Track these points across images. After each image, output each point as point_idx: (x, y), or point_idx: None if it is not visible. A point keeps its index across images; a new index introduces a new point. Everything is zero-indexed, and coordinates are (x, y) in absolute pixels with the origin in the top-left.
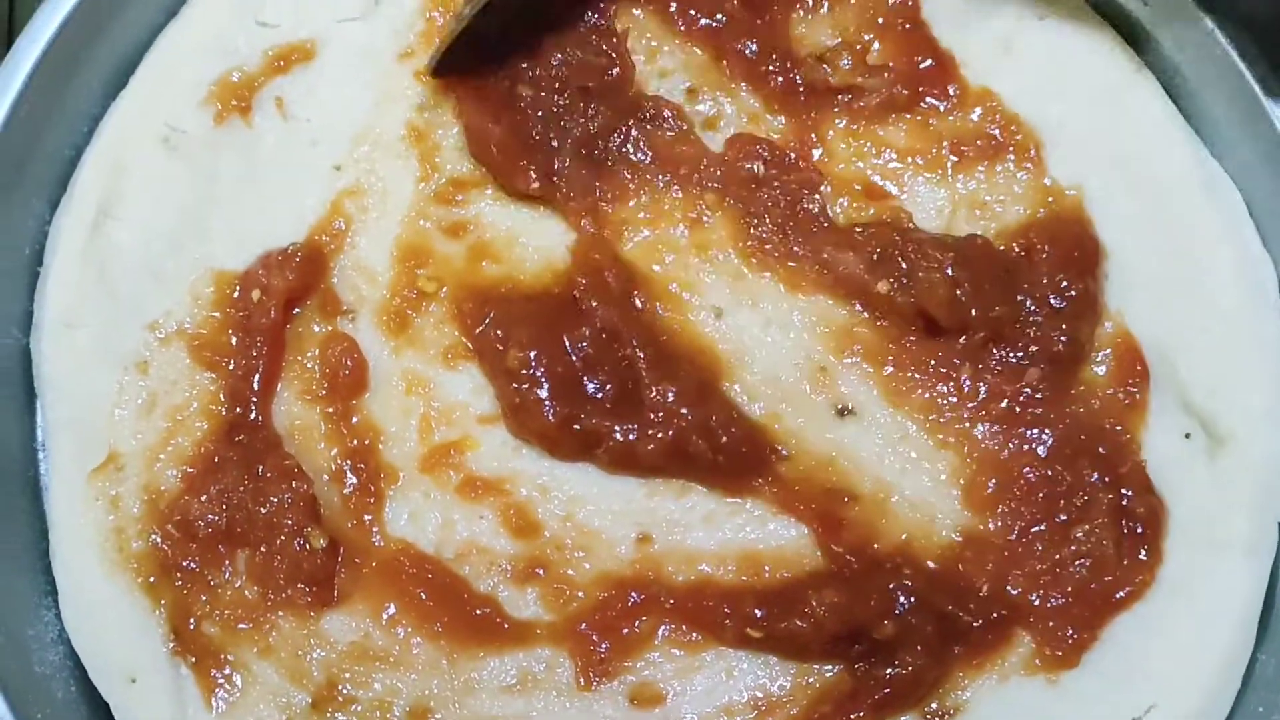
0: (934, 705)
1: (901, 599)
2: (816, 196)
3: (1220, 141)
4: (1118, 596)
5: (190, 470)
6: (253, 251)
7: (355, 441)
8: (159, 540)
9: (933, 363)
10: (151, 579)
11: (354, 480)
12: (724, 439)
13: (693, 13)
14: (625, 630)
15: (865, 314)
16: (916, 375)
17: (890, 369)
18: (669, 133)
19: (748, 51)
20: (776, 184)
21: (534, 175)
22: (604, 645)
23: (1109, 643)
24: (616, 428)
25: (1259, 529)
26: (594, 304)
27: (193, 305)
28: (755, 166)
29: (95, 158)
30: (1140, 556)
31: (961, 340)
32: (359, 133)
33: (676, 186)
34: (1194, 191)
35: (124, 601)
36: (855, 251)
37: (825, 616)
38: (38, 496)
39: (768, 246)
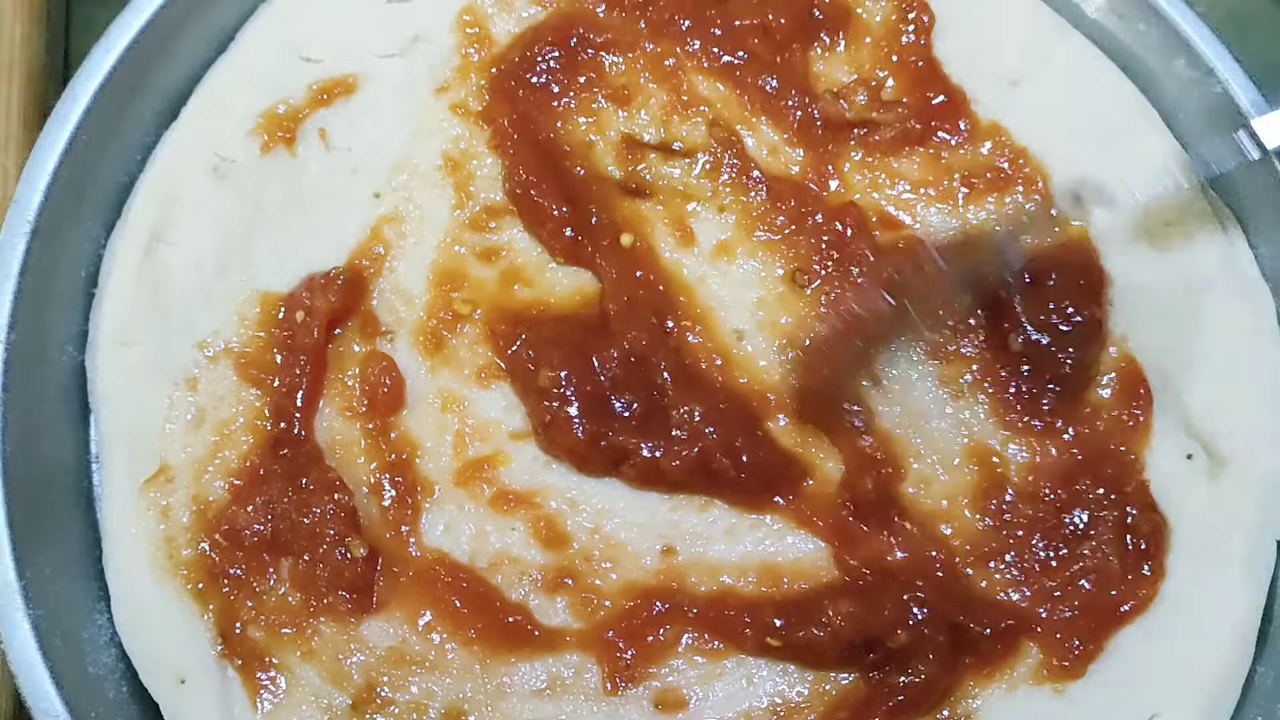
0: (945, 712)
1: (914, 610)
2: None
3: (1220, 176)
4: (1122, 610)
5: (237, 482)
6: (297, 274)
7: (393, 456)
8: (207, 548)
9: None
10: (200, 585)
11: (392, 493)
12: (746, 458)
13: (715, 50)
14: (650, 638)
15: None
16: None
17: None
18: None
19: (768, 87)
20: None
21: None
22: (630, 652)
23: (1113, 654)
24: (643, 445)
25: (1258, 546)
26: (624, 329)
27: (239, 325)
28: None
29: (148, 185)
30: (1144, 572)
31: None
32: (397, 162)
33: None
34: (1197, 224)
35: (173, 606)
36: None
37: (841, 626)
38: (91, 507)
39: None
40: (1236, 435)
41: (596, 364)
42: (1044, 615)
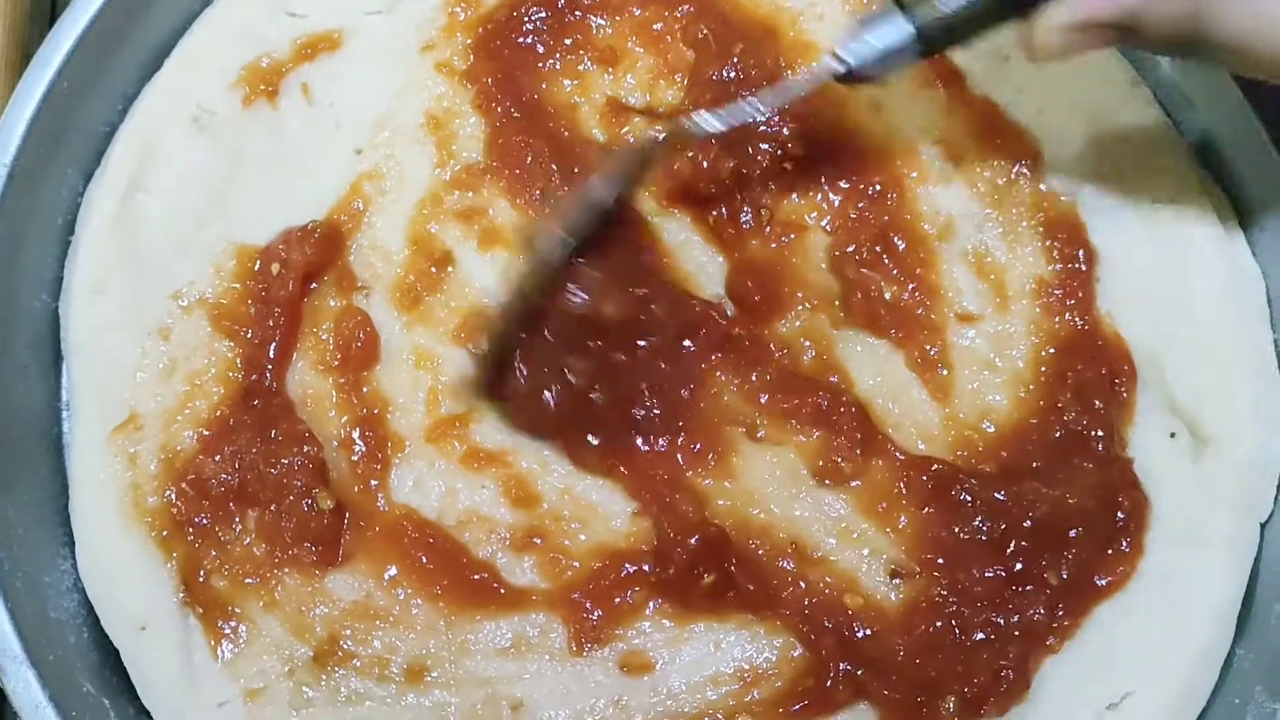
0: None
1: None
2: None
3: (1212, 154)
4: (1098, 585)
5: (206, 432)
6: (274, 228)
7: (365, 411)
8: (173, 497)
9: None
10: (165, 533)
11: (362, 447)
12: None
13: None
14: (617, 600)
15: None
16: None
17: None
18: None
19: None
20: None
21: None
22: (596, 613)
23: (1089, 631)
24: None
25: (1239, 528)
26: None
27: (215, 277)
28: None
29: (128, 134)
30: (1122, 548)
31: None
32: (379, 119)
33: None
34: (1186, 203)
35: (137, 553)
36: None
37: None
38: (60, 453)
39: None
40: (1221, 416)
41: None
42: None
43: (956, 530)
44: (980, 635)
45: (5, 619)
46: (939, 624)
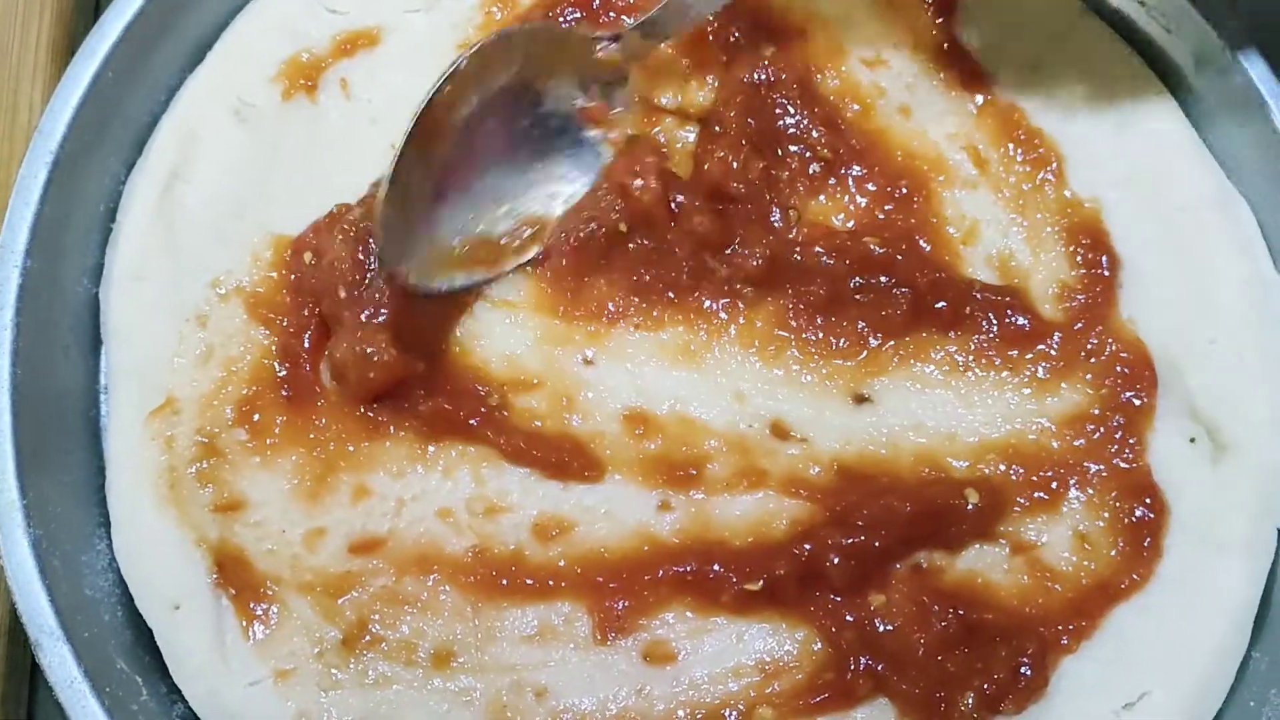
0: None
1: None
2: None
3: (1235, 163)
4: (1118, 587)
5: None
6: (311, 219)
7: None
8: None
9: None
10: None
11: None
12: None
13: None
14: (642, 591)
15: None
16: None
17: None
18: None
19: None
20: None
21: None
22: (621, 604)
23: (1107, 631)
24: None
25: (1257, 532)
26: None
27: (252, 266)
28: None
29: (170, 124)
30: (1142, 552)
31: None
32: None
33: None
34: (1209, 211)
35: (171, 534)
36: None
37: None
38: (98, 435)
39: None
40: (1241, 421)
41: None
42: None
43: None
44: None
45: (43, 596)
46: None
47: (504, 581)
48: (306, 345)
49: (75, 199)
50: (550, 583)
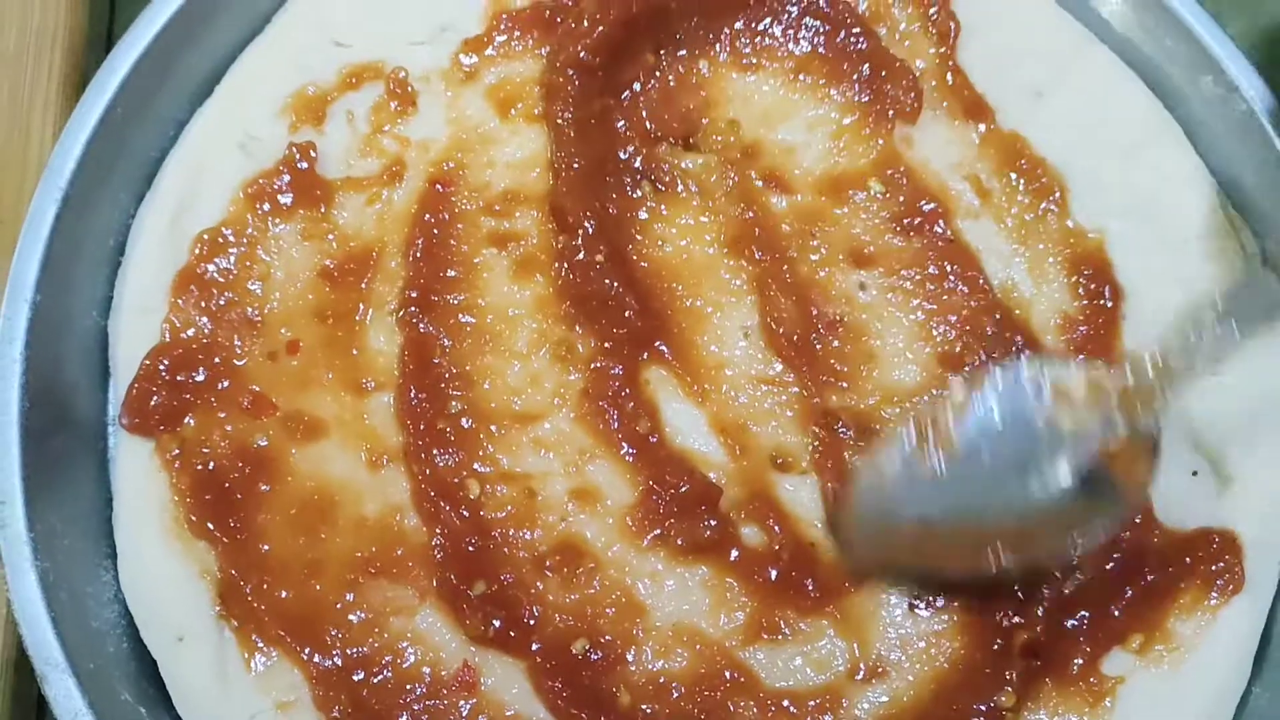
0: None
1: None
2: None
3: (1242, 194)
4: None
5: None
6: None
7: None
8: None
9: None
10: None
11: None
12: None
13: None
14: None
15: None
16: None
17: None
18: None
19: None
20: None
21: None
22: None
23: (1108, 665)
24: None
25: (1260, 567)
26: None
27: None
28: None
29: (178, 158)
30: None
31: None
32: (421, 145)
33: None
34: (1214, 241)
35: (176, 566)
36: None
37: None
38: (105, 468)
39: None
40: (1244, 456)
41: None
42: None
43: None
44: None
45: (48, 628)
46: None
47: None
48: None
49: (85, 233)
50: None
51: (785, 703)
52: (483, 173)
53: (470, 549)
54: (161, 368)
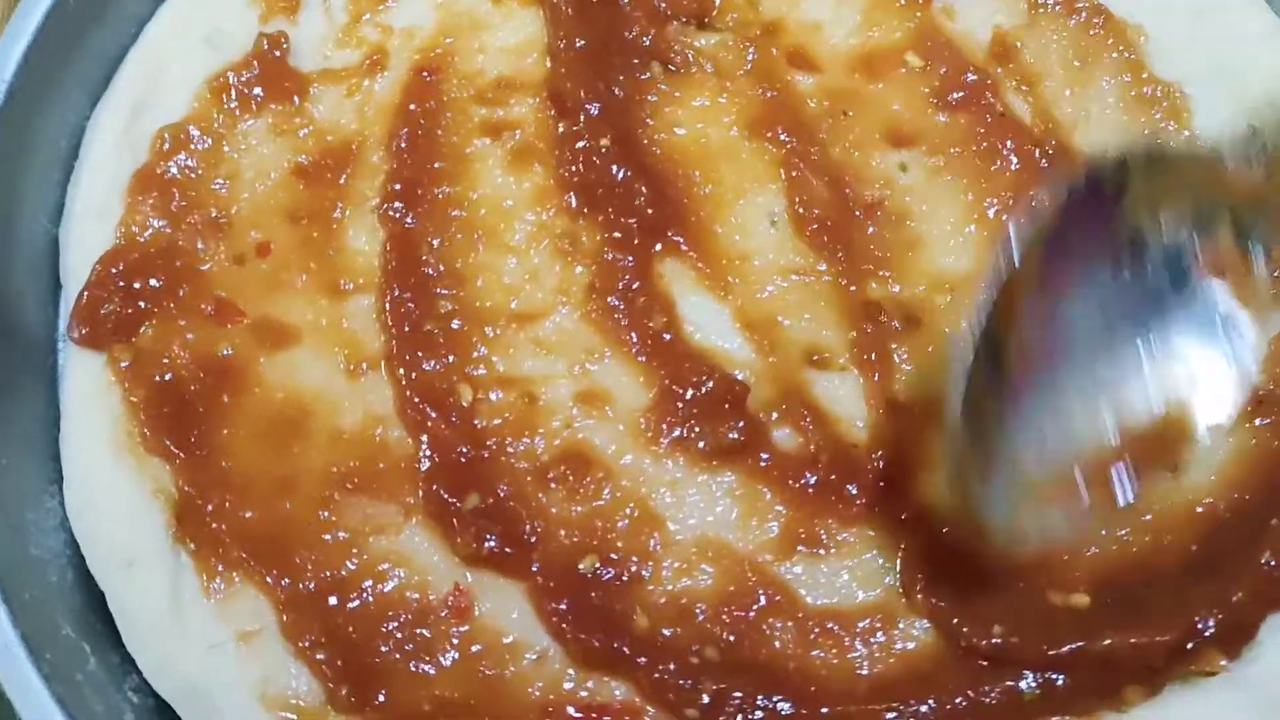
0: None
1: None
2: None
3: None
4: None
5: None
6: None
7: None
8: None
9: None
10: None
11: None
12: None
13: None
14: None
15: None
16: None
17: None
18: None
19: None
20: None
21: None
22: None
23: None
24: None
25: None
26: None
27: None
28: None
29: (138, 55)
30: None
31: None
32: (405, 32)
33: None
34: None
35: (126, 485)
36: None
37: None
38: (54, 387)
39: None
40: None
41: None
42: None
43: None
44: None
45: None
46: None
47: None
48: None
49: (34, 134)
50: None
51: (830, 624)
52: (473, 59)
53: (461, 460)
54: (115, 272)
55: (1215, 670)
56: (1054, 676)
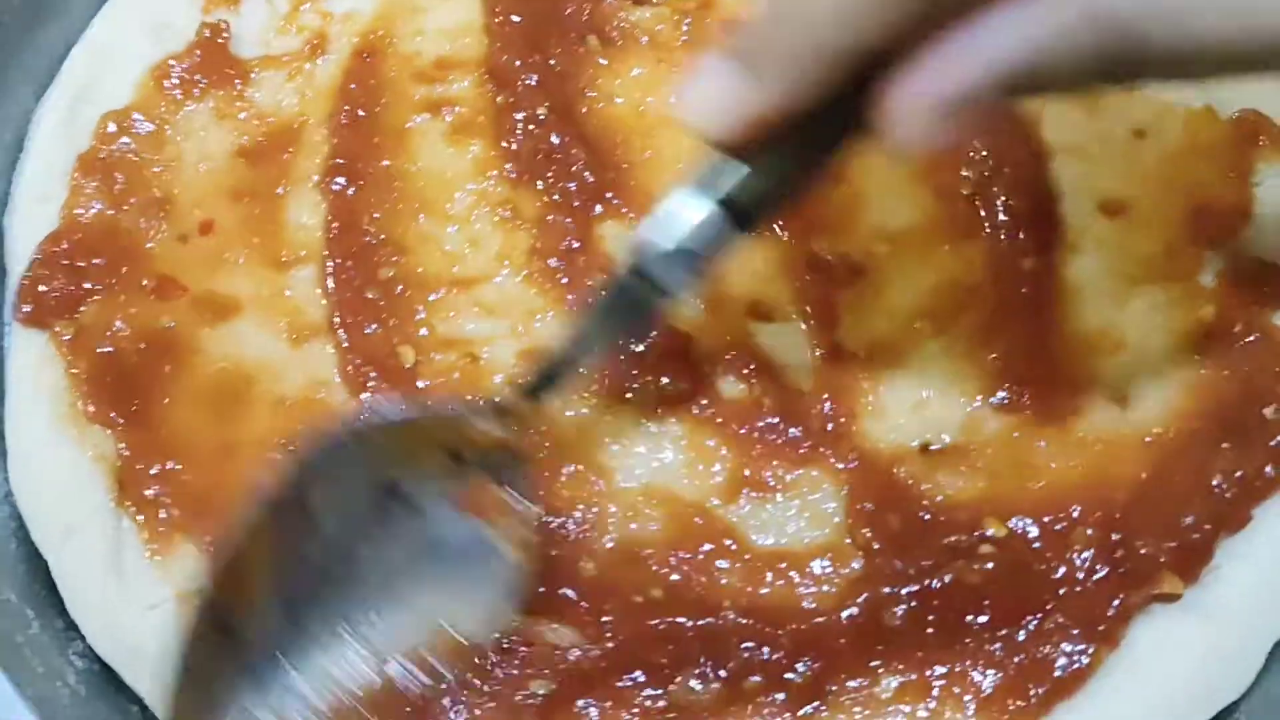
0: None
1: None
2: None
3: None
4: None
5: None
6: None
7: None
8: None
9: None
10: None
11: None
12: None
13: None
14: None
15: None
16: None
17: None
18: None
19: None
20: None
21: None
22: None
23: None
24: None
25: None
26: None
27: None
28: None
29: (83, 48)
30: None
31: None
32: (345, 17)
33: None
34: None
35: (68, 453)
36: None
37: None
38: (2, 367)
39: None
40: None
41: None
42: None
43: None
44: None
45: None
46: None
47: None
48: None
49: None
50: None
51: (782, 564)
52: (412, 40)
53: None
54: (57, 251)
55: (1175, 595)
56: None
